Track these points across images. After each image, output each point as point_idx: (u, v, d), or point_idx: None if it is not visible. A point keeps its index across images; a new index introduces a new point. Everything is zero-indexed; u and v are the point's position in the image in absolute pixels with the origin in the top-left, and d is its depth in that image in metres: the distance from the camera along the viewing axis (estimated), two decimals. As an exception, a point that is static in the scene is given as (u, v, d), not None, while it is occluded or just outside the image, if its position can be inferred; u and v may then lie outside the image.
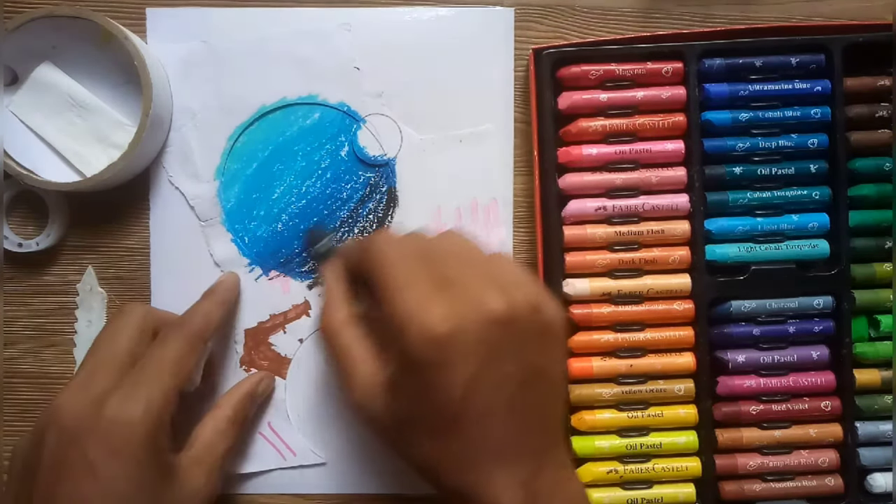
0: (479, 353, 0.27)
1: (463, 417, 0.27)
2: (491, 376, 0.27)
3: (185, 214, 0.38)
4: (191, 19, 0.37)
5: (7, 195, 0.37)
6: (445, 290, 0.28)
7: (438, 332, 0.27)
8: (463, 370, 0.27)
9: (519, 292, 0.28)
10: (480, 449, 0.27)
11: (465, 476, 0.28)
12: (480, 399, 0.27)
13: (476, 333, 0.27)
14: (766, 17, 0.38)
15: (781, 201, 0.36)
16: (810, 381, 0.36)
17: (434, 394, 0.27)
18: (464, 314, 0.27)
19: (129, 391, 0.29)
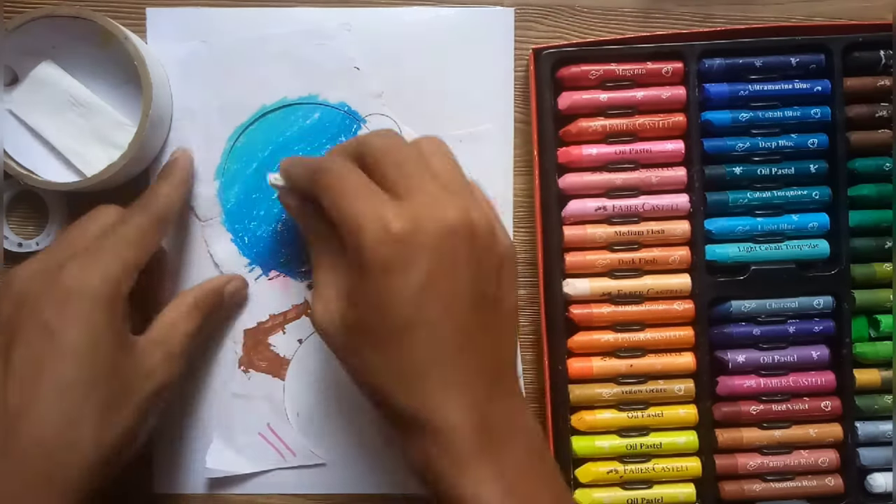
0: (434, 259, 0.26)
1: (414, 326, 0.27)
2: (445, 287, 0.27)
3: (185, 214, 0.38)
4: (191, 19, 0.37)
5: (7, 195, 0.37)
6: (404, 198, 0.27)
7: (394, 231, 0.26)
8: (417, 273, 0.26)
9: (480, 214, 0.28)
10: (430, 364, 0.27)
11: (415, 395, 0.27)
12: (433, 308, 0.27)
13: (434, 237, 0.26)
14: (766, 17, 0.38)
15: (781, 201, 0.36)
16: (810, 381, 0.36)
17: (386, 297, 0.27)
18: (422, 218, 0.27)
19: (87, 260, 0.29)
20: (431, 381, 0.27)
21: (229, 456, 0.37)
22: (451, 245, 0.27)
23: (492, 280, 0.28)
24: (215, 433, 0.37)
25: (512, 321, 0.30)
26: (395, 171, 0.28)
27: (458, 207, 0.27)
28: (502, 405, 0.28)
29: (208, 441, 0.37)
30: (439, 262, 0.27)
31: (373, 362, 0.28)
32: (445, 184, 0.28)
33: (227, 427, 0.37)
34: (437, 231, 0.27)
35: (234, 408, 0.38)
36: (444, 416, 0.27)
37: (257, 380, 0.38)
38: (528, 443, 0.28)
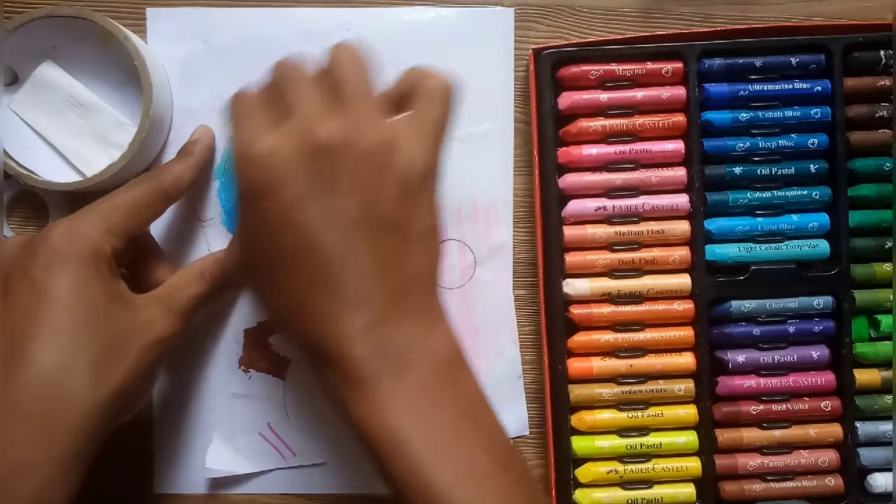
0: (300, 180, 0.26)
1: (293, 251, 0.26)
2: (319, 208, 0.26)
3: (185, 214, 0.38)
4: (191, 19, 0.37)
5: (7, 195, 0.37)
6: (280, 119, 0.27)
7: (255, 151, 0.26)
8: (284, 193, 0.26)
9: (371, 129, 0.26)
10: (312, 292, 0.26)
11: (306, 324, 0.27)
12: (307, 231, 0.26)
13: (301, 157, 0.26)
14: (766, 17, 0.38)
15: (781, 201, 0.36)
16: (810, 381, 0.36)
17: (260, 223, 0.26)
18: (287, 138, 0.26)
19: (72, 221, 0.30)
20: (318, 309, 0.26)
21: (229, 456, 0.37)
22: (323, 165, 0.26)
23: (388, 201, 0.26)
24: (215, 433, 0.37)
25: (422, 244, 0.28)
26: (285, 90, 0.28)
27: (339, 124, 0.26)
28: (405, 328, 0.27)
29: (208, 441, 0.37)
30: (303, 185, 0.26)
31: (266, 295, 0.28)
32: (339, 98, 0.27)
33: (227, 427, 0.37)
34: (304, 150, 0.26)
35: (235, 407, 0.38)
36: (337, 345, 0.26)
37: (258, 379, 0.38)
38: (431, 366, 0.27)
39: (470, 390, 0.29)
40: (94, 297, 0.29)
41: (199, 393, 0.38)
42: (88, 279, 0.29)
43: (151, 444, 0.37)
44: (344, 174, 0.26)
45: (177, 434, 0.38)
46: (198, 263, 0.34)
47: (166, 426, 0.38)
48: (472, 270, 0.38)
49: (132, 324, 0.30)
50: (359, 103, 0.27)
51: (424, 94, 0.28)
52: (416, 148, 0.27)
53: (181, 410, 0.38)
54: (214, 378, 0.38)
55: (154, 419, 0.38)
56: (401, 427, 0.26)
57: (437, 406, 0.27)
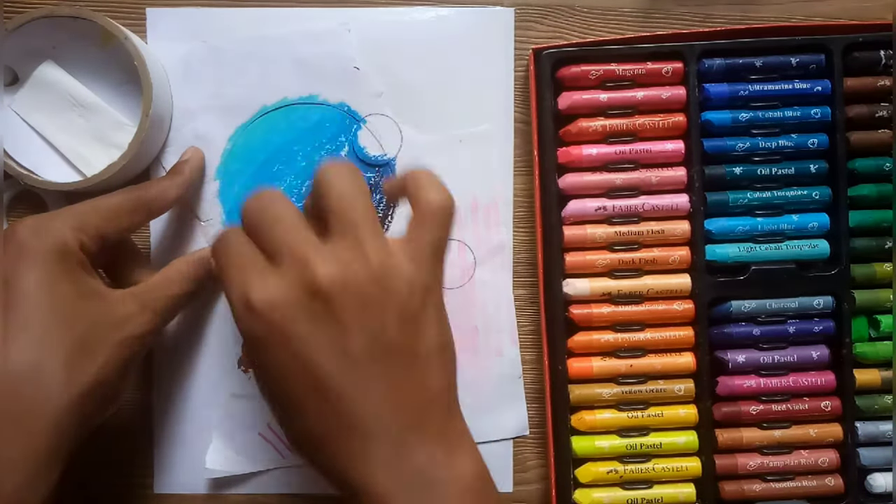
0: (300, 328, 0.25)
1: (298, 398, 0.26)
2: (322, 350, 0.26)
3: (185, 214, 0.38)
4: (191, 19, 0.37)
5: (7, 195, 0.37)
6: (276, 265, 0.26)
7: (254, 306, 0.25)
8: (288, 344, 0.26)
9: (368, 256, 0.26)
10: (331, 427, 0.26)
11: (324, 461, 0.27)
12: (315, 372, 0.26)
13: (298, 303, 0.25)
14: (766, 17, 0.38)
15: (781, 201, 0.36)
16: (810, 381, 0.36)
17: (271, 371, 0.27)
18: (287, 285, 0.26)
19: (46, 216, 0.30)
20: (337, 446, 0.26)
21: (229, 456, 0.37)
22: (323, 307, 0.25)
23: (392, 329, 0.26)
24: (215, 433, 0.37)
25: (435, 360, 0.27)
26: (267, 233, 0.27)
27: (333, 264, 0.26)
28: (426, 454, 0.26)
29: (208, 441, 0.37)
30: (307, 328, 0.26)
31: (288, 431, 0.28)
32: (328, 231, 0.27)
33: (226, 427, 0.37)
34: (302, 296, 0.25)
35: (234, 408, 0.38)
36: (359, 480, 0.26)
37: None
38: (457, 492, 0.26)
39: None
40: (63, 292, 0.28)
41: (199, 393, 0.38)
42: (57, 274, 0.28)
43: (151, 444, 0.37)
44: (345, 311, 0.26)
45: (177, 434, 0.38)
46: (180, 263, 0.34)
47: (166, 426, 0.38)
48: (472, 270, 0.38)
49: (106, 319, 0.29)
50: (357, 228, 0.27)
51: (423, 214, 0.28)
52: (414, 271, 0.27)
53: (181, 410, 0.38)
54: (214, 378, 0.38)
55: (154, 419, 0.38)
56: None
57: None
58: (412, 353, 0.27)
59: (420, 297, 0.27)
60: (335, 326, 0.26)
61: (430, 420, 0.27)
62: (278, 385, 0.27)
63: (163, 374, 0.38)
